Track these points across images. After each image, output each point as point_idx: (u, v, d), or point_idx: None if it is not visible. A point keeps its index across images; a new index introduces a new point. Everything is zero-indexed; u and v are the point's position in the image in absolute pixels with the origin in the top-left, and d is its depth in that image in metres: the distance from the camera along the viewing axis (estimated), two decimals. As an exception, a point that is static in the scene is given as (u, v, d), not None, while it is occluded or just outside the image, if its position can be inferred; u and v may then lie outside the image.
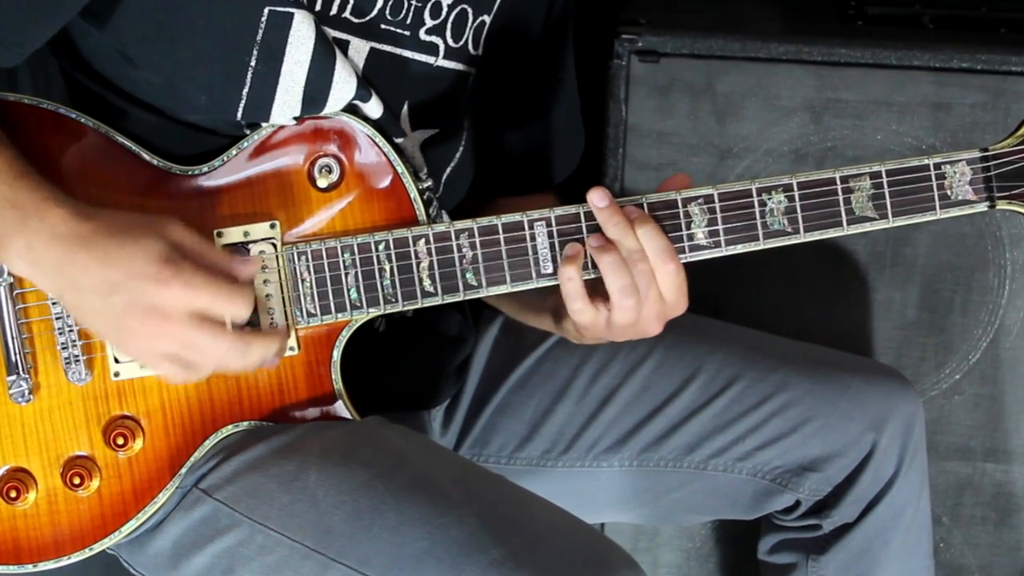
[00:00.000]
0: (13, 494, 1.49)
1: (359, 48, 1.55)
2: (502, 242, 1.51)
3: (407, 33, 1.57)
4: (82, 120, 1.50)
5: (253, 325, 1.48)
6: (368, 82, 1.54)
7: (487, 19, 1.62)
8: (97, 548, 1.51)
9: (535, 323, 1.73)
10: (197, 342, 1.37)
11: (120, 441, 1.50)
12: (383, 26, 1.55)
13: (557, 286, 1.51)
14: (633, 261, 1.47)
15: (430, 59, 1.59)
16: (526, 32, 1.70)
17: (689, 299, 1.52)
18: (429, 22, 1.57)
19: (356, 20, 1.53)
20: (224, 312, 1.38)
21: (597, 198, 1.48)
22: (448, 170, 1.65)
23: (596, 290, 1.50)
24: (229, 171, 1.51)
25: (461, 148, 1.66)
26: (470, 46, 1.62)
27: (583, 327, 1.52)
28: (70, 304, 1.40)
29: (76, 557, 1.51)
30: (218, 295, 1.37)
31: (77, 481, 1.50)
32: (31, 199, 1.36)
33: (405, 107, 1.59)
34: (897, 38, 1.99)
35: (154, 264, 1.35)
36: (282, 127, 1.52)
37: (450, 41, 1.60)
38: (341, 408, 1.55)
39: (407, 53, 1.57)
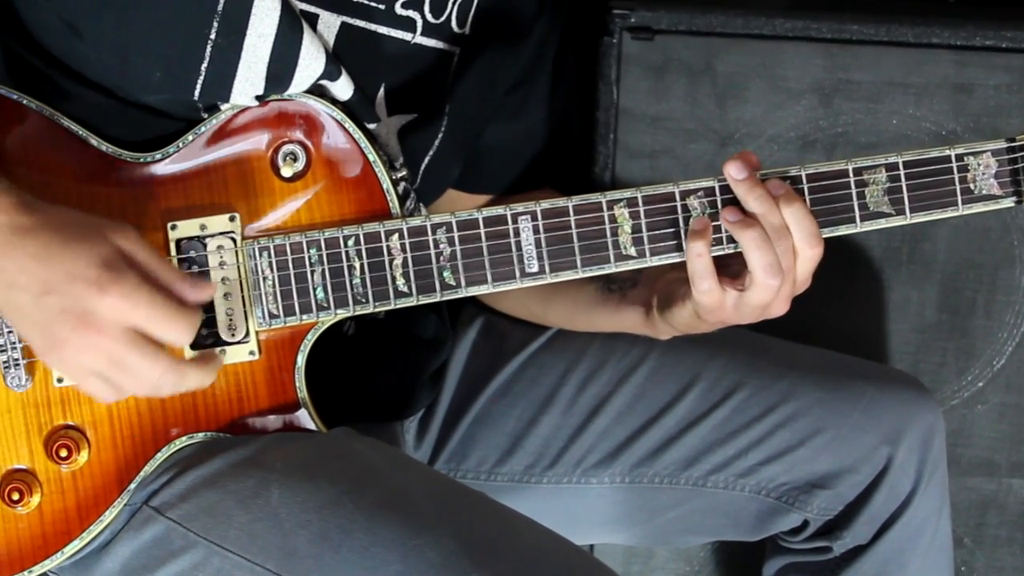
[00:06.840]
0: (-55, 511, 1.49)
1: (329, 23, 1.55)
2: (483, 238, 1.51)
3: (382, 7, 1.57)
4: (24, 102, 1.50)
5: (209, 330, 1.49)
6: (340, 62, 1.54)
7: None
8: (37, 570, 1.51)
9: (604, 325, 1.73)
10: (128, 362, 1.36)
11: (63, 453, 1.50)
12: None
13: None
14: (777, 238, 1.47)
15: (407, 36, 1.60)
16: (517, 13, 1.70)
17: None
18: None
19: None
20: (163, 334, 1.37)
21: (735, 169, 1.48)
22: (427, 159, 1.66)
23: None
24: (185, 158, 1.52)
25: (441, 134, 1.66)
26: (453, 23, 1.62)
27: (708, 310, 1.51)
28: (0, 302, 1.39)
29: (14, 580, 1.52)
30: (159, 314, 1.36)
31: (16, 497, 1.50)
32: None
33: (381, 90, 1.60)
34: (915, 13, 1.99)
35: (95, 268, 1.34)
36: (243, 111, 1.52)
37: (429, 16, 1.60)
38: (306, 418, 1.55)
39: (382, 29, 1.58)
